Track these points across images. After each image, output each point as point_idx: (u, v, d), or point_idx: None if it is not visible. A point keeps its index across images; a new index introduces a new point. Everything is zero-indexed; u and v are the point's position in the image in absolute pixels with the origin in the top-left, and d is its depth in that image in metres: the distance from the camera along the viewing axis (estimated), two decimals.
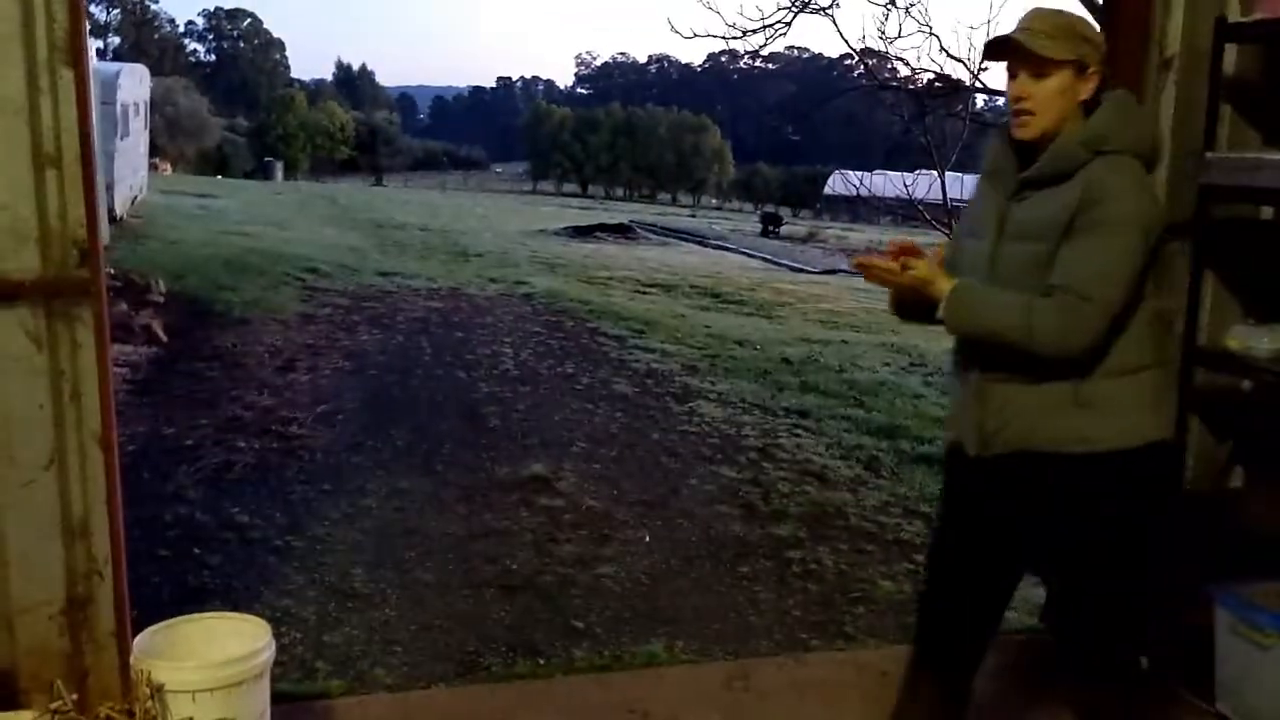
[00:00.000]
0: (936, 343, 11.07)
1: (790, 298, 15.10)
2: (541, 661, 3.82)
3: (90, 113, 2.79)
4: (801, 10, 10.12)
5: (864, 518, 5.41)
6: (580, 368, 8.63)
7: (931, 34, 10.74)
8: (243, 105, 77.82)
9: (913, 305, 2.55)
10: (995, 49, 2.42)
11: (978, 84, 10.63)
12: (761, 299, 14.46)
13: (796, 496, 5.69)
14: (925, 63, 10.68)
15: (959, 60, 10.88)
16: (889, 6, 9.91)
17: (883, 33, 10.09)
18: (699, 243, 28.82)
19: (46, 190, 2.74)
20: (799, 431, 6.98)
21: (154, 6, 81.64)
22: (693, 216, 46.71)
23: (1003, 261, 2.43)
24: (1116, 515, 2.44)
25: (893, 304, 2.66)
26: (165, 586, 4.24)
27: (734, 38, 12.01)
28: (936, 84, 10.62)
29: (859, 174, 38.49)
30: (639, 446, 6.53)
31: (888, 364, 9.56)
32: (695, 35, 9.23)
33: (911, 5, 10.51)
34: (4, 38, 2.67)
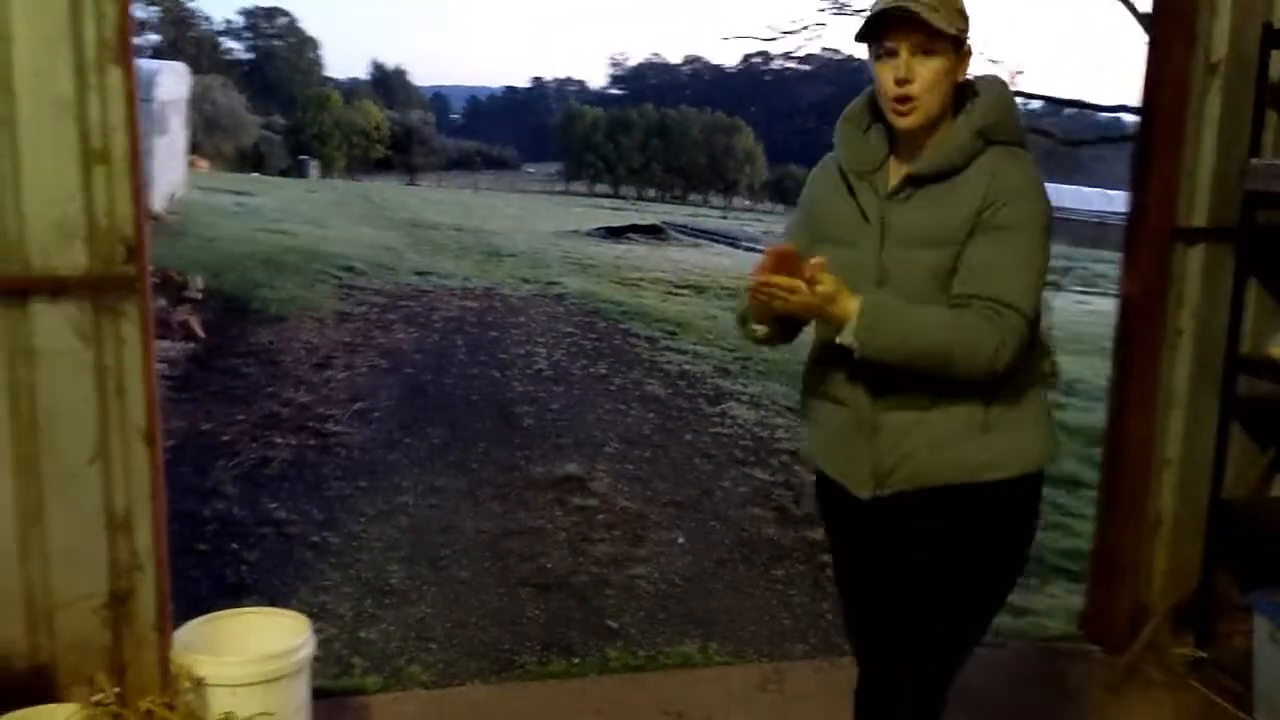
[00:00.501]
0: None
1: None
2: (576, 661, 3.83)
3: (138, 111, 2.82)
4: (838, 13, 10.15)
5: None
6: (613, 368, 8.63)
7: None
8: (279, 103, 78.40)
9: (791, 326, 2.20)
10: (877, 24, 2.06)
11: (1013, 87, 10.65)
12: None
13: None
14: None
15: (995, 62, 10.86)
16: None
17: None
18: (731, 244, 28.74)
19: (94, 187, 2.78)
20: None
21: (191, 5, 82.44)
22: (724, 218, 46.60)
23: (894, 271, 2.10)
24: (1019, 543, 2.24)
25: (768, 326, 2.17)
26: (204, 581, 4.28)
27: (770, 39, 12.04)
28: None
29: None
30: (672, 448, 6.52)
31: None
32: (736, 37, 9.27)
33: None
34: (53, 36, 2.70)
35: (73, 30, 2.71)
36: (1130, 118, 9.27)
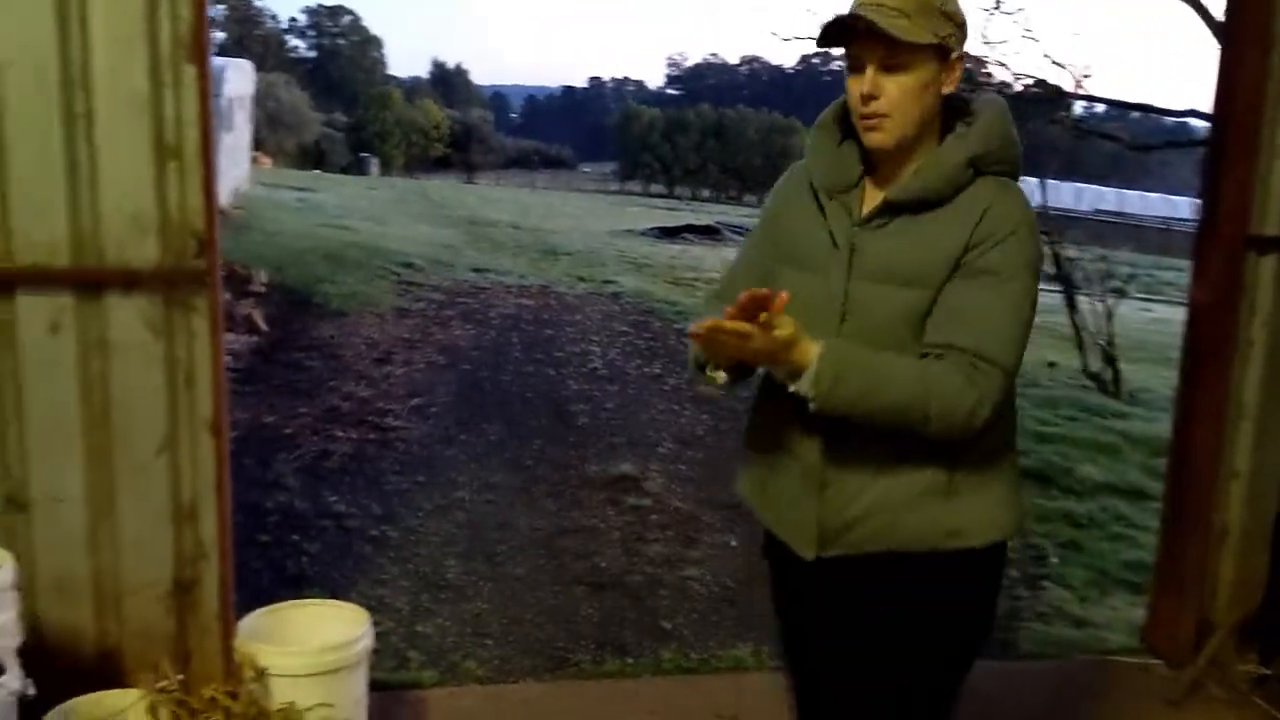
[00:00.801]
0: (1040, 352, 10.88)
1: None
2: (629, 661, 3.83)
3: (210, 107, 2.87)
4: None
5: None
6: (667, 368, 8.62)
7: (1034, 39, 10.60)
8: (341, 101, 79.29)
9: (745, 369, 1.92)
10: (836, 32, 1.81)
11: (1079, 91, 10.47)
12: None
13: None
14: (1025, 68, 10.49)
15: (1061, 66, 10.70)
16: (993, 11, 9.79)
17: (984, 37, 9.99)
18: None
19: (167, 182, 2.82)
20: None
21: (258, 3, 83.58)
22: None
23: (859, 308, 1.86)
24: (980, 617, 2.01)
25: (726, 372, 1.89)
26: (265, 572, 4.35)
27: None
28: (1036, 89, 10.46)
29: None
30: (725, 449, 6.51)
31: None
32: (795, 38, 9.18)
33: (1018, 10, 10.42)
34: (130, 34, 2.75)
35: (149, 28, 2.76)
36: (1198, 123, 9.10)
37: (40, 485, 2.88)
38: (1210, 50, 3.68)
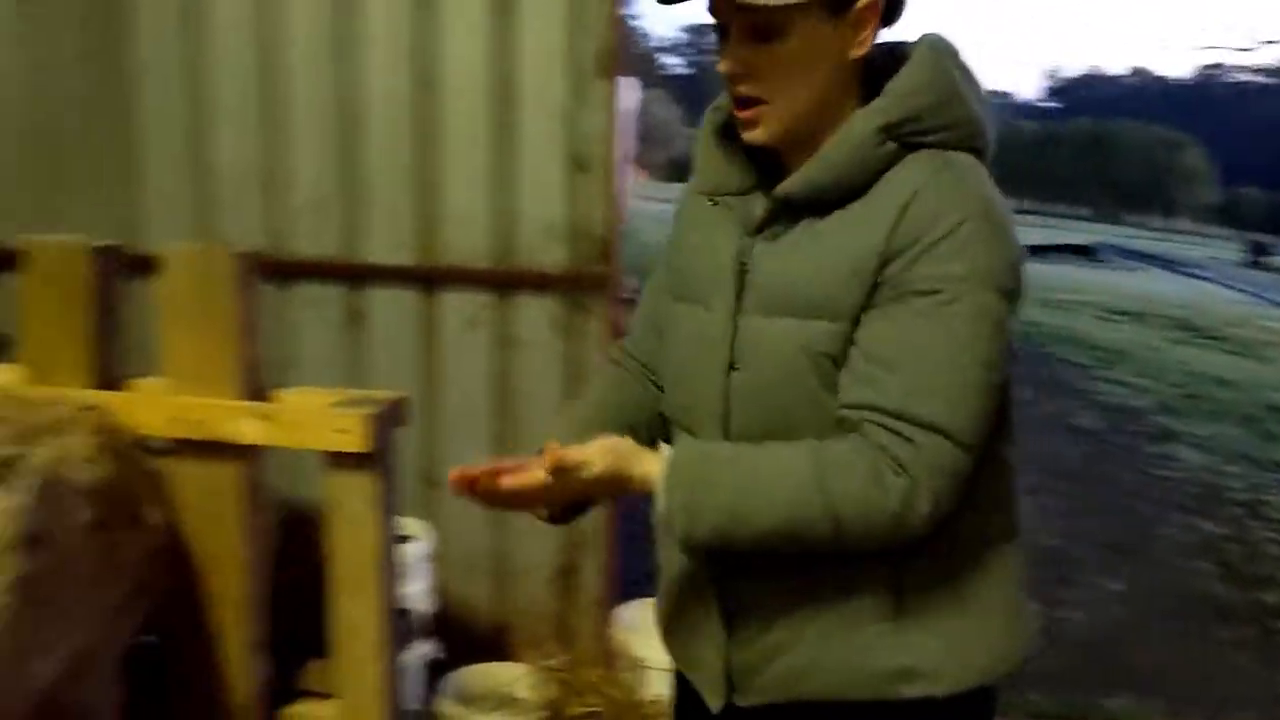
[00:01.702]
0: None
1: None
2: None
3: (617, 122, 3.01)
4: None
5: None
6: (1037, 395, 8.23)
7: None
8: None
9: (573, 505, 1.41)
10: None
11: None
12: (1246, 336, 13.09)
13: None
14: None
15: None
16: None
17: None
18: (1171, 269, 26.63)
19: (577, 191, 3.00)
20: None
21: (635, 23, 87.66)
22: (1164, 240, 43.20)
23: (751, 353, 1.28)
24: None
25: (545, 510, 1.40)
26: (637, 565, 4.52)
27: (1244, 50, 11.00)
28: None
29: None
30: (1103, 486, 6.12)
31: None
32: (1202, 48, 8.53)
33: None
34: (554, 51, 2.95)
35: (571, 46, 2.94)
36: None
37: (451, 466, 3.13)
38: None
